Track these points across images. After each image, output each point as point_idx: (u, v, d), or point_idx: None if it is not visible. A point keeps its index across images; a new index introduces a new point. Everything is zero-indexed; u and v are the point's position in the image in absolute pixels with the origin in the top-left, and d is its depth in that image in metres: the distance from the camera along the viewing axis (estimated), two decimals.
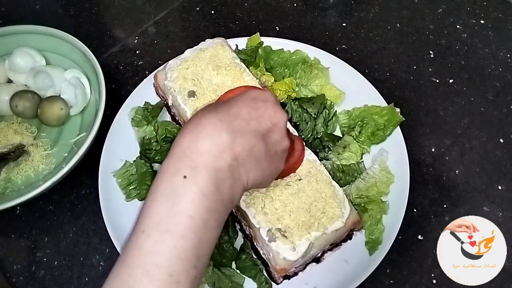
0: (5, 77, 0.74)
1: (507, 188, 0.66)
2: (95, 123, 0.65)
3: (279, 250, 0.52)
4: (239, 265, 0.59)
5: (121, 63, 0.81)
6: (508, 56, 0.78)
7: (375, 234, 0.58)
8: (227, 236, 0.59)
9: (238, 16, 0.86)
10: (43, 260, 0.63)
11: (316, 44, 0.75)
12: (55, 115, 0.70)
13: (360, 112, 0.67)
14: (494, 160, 0.68)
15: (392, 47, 0.81)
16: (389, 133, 0.65)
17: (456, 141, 0.70)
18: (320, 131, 0.67)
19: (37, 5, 0.90)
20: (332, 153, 0.65)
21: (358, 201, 0.61)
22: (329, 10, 0.88)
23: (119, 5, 0.90)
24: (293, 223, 0.53)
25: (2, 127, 0.71)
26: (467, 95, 0.75)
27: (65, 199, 0.67)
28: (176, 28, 0.86)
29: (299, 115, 0.67)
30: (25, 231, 0.65)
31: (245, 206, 0.55)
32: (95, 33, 0.85)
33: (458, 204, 0.64)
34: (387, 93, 0.71)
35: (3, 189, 0.67)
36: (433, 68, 0.78)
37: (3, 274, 0.62)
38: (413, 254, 0.61)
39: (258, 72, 0.71)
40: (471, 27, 0.82)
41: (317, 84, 0.71)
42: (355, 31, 0.83)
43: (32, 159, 0.69)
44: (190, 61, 0.67)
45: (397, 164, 0.63)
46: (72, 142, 0.71)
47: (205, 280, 0.57)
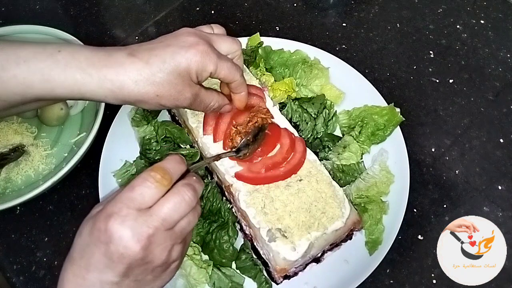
0: None
1: (507, 188, 0.66)
2: (95, 123, 0.65)
3: (279, 250, 0.52)
4: (239, 265, 0.59)
5: None
6: (508, 56, 0.78)
7: (375, 234, 0.58)
8: (227, 236, 0.59)
9: (238, 16, 0.86)
10: (43, 260, 0.63)
11: (316, 44, 0.75)
12: (55, 115, 0.70)
13: (360, 112, 0.67)
14: (494, 160, 0.68)
15: (392, 47, 0.81)
16: (389, 133, 0.65)
17: (456, 141, 0.70)
18: (320, 131, 0.67)
19: (37, 5, 0.90)
20: (332, 153, 0.65)
21: (358, 201, 0.61)
22: (329, 10, 0.88)
23: (119, 5, 0.90)
24: (293, 223, 0.53)
25: (2, 127, 0.71)
26: (467, 95, 0.75)
27: (65, 199, 0.67)
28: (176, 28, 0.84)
29: (299, 115, 0.67)
30: (25, 231, 0.65)
31: (245, 206, 0.55)
32: (95, 33, 0.85)
33: (458, 204, 0.64)
34: (387, 93, 0.71)
35: (3, 189, 0.67)
36: (433, 68, 0.78)
37: (3, 274, 0.62)
38: (413, 254, 0.61)
39: (258, 72, 0.71)
40: (471, 27, 0.82)
41: (317, 84, 0.71)
42: (355, 31, 0.83)
43: (32, 159, 0.69)
44: None
45: (397, 164, 0.63)
46: (72, 142, 0.71)
47: (205, 280, 0.57)
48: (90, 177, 0.67)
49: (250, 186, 0.56)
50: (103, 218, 0.40)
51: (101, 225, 0.40)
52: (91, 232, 0.41)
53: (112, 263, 0.40)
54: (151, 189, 0.41)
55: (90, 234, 0.41)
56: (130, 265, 0.40)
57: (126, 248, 0.39)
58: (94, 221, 0.41)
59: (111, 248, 0.39)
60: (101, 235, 0.40)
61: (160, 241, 0.41)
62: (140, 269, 0.41)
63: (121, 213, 0.40)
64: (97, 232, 0.40)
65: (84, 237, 0.41)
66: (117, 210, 0.40)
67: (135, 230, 0.39)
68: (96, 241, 0.40)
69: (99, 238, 0.40)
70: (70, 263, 0.41)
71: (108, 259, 0.40)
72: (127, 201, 0.40)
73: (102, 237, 0.39)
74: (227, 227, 0.59)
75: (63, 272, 0.42)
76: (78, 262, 0.41)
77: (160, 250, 0.41)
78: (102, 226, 0.40)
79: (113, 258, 0.39)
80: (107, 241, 0.39)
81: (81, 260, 0.41)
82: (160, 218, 0.40)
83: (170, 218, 0.41)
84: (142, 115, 0.69)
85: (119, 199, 0.41)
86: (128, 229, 0.39)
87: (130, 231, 0.39)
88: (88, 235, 0.41)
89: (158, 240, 0.41)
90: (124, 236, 0.39)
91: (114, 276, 0.40)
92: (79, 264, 0.41)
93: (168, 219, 0.41)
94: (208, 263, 0.58)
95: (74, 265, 0.41)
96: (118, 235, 0.39)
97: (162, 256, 0.41)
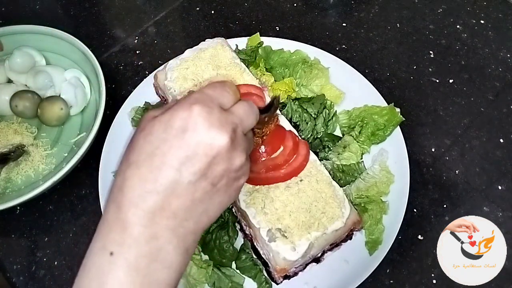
0: (5, 77, 0.74)
1: (507, 188, 0.66)
2: (95, 123, 0.65)
3: (279, 250, 0.52)
4: (239, 265, 0.59)
5: (121, 63, 0.81)
6: (508, 56, 0.78)
7: (375, 234, 0.58)
8: (227, 236, 0.59)
9: (238, 16, 0.86)
10: (43, 260, 0.63)
11: (316, 44, 0.75)
12: (55, 115, 0.70)
13: (360, 112, 0.67)
14: (494, 160, 0.68)
15: (392, 47, 0.81)
16: (389, 133, 0.65)
17: (456, 141, 0.70)
18: (320, 131, 0.67)
19: (37, 5, 0.90)
20: (332, 153, 0.65)
21: (358, 201, 0.61)
22: (329, 10, 0.87)
23: (119, 5, 0.90)
24: (293, 223, 0.53)
25: (2, 127, 0.71)
26: (467, 95, 0.75)
27: (65, 199, 0.67)
28: (176, 28, 0.86)
29: (299, 115, 0.67)
30: (25, 231, 0.65)
31: (245, 206, 0.55)
32: (95, 33, 0.85)
33: (458, 204, 0.64)
34: (387, 93, 0.71)
35: (3, 189, 0.67)
36: (433, 68, 0.78)
37: (3, 274, 0.62)
38: (413, 254, 0.61)
39: (258, 72, 0.72)
40: (471, 27, 0.82)
41: (317, 84, 0.71)
42: (355, 31, 0.83)
43: (32, 159, 0.69)
44: (190, 61, 0.67)
45: (397, 164, 0.63)
46: (72, 142, 0.71)
47: (205, 280, 0.57)
48: (90, 177, 0.67)
49: (250, 186, 0.56)
50: (186, 107, 0.37)
51: (184, 114, 0.37)
52: (167, 127, 0.37)
53: (194, 156, 0.36)
54: (230, 94, 0.40)
55: (165, 129, 0.37)
56: (214, 158, 0.37)
57: (214, 139, 0.37)
58: (171, 115, 0.37)
59: (196, 137, 0.36)
60: (185, 124, 0.37)
61: (239, 141, 0.39)
62: (221, 167, 0.38)
63: (207, 104, 0.38)
64: (179, 121, 0.37)
65: (156, 134, 0.37)
66: (201, 100, 0.38)
67: (222, 121, 0.37)
68: (176, 133, 0.36)
69: (181, 128, 0.36)
70: (133, 168, 0.37)
71: (191, 151, 0.36)
72: (210, 97, 0.39)
73: (186, 125, 0.36)
74: (227, 227, 0.59)
75: (124, 181, 0.37)
76: (148, 163, 0.36)
77: (240, 150, 0.39)
78: (186, 114, 0.37)
79: (197, 149, 0.36)
80: (193, 129, 0.36)
81: (151, 160, 0.36)
82: (239, 118, 0.39)
83: (246, 122, 0.40)
84: (142, 115, 0.69)
85: (201, 93, 0.39)
86: (216, 119, 0.37)
87: (218, 122, 0.37)
88: (163, 131, 0.37)
89: (238, 139, 0.39)
90: (213, 125, 0.37)
91: (193, 173, 0.36)
92: (149, 165, 0.36)
93: (244, 121, 0.40)
94: (208, 263, 0.58)
95: (141, 168, 0.36)
96: (207, 123, 0.37)
97: (242, 157, 0.39)
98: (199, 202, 0.38)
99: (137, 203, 0.36)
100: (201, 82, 0.65)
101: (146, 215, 0.36)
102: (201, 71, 0.66)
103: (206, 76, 0.65)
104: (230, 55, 0.68)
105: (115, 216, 0.37)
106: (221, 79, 0.41)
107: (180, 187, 0.36)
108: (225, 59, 0.67)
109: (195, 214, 0.38)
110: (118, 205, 0.36)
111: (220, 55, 0.67)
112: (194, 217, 0.38)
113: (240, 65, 0.67)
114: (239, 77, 0.65)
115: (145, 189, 0.36)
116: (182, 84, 0.65)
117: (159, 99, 0.72)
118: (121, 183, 0.37)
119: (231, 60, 0.67)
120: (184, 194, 0.37)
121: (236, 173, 0.40)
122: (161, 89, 0.69)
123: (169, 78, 0.66)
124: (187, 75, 0.65)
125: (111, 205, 0.37)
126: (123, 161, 0.38)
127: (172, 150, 0.36)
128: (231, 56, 0.68)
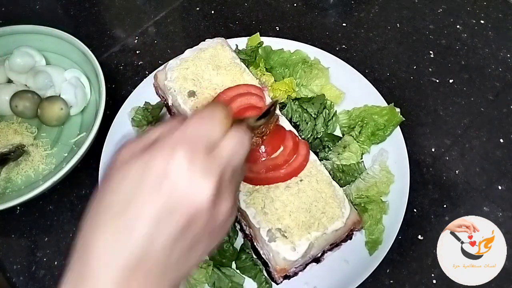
0: (5, 77, 0.74)
1: (507, 188, 0.66)
2: (95, 123, 0.65)
3: (279, 250, 0.52)
4: (239, 265, 0.59)
5: (121, 63, 0.81)
6: (508, 56, 0.78)
7: (375, 234, 0.58)
8: (227, 236, 0.59)
9: (238, 16, 0.86)
10: (43, 260, 0.63)
11: (316, 44, 0.75)
12: (55, 115, 0.70)
13: (360, 112, 0.67)
14: (494, 160, 0.68)
15: (392, 47, 0.81)
16: (389, 133, 0.65)
17: (456, 141, 0.70)
18: (320, 131, 0.67)
19: (37, 5, 0.90)
20: (332, 153, 0.65)
21: (358, 201, 0.61)
22: (329, 10, 0.88)
23: (119, 5, 0.90)
24: (293, 223, 0.53)
25: (2, 127, 0.71)
26: (467, 95, 0.75)
27: (65, 199, 0.67)
28: (176, 28, 0.86)
29: (299, 115, 0.67)
30: (25, 231, 0.65)
31: (245, 206, 0.55)
32: (95, 33, 0.85)
33: (458, 204, 0.64)
34: (387, 93, 0.71)
35: (3, 189, 0.66)
36: (433, 68, 0.78)
37: (3, 274, 0.62)
38: (413, 254, 0.61)
39: (258, 72, 0.72)
40: (471, 27, 0.82)
41: (317, 84, 0.71)
42: (355, 31, 0.83)
43: (32, 159, 0.69)
44: (190, 61, 0.67)
45: (397, 164, 0.63)
46: (72, 142, 0.71)
47: (205, 280, 0.57)
48: (90, 177, 0.67)
49: (250, 186, 0.56)
50: (168, 150, 0.33)
51: (164, 158, 0.33)
52: (144, 171, 0.33)
53: (171, 213, 0.32)
54: (219, 126, 0.36)
55: (141, 175, 0.33)
56: (194, 216, 0.33)
57: (195, 193, 0.33)
58: (151, 156, 0.33)
59: (175, 191, 0.32)
60: (163, 172, 0.32)
61: (227, 184, 0.35)
62: (201, 225, 0.34)
63: (191, 147, 0.33)
64: (158, 167, 0.33)
65: (132, 179, 0.33)
66: (186, 141, 0.34)
67: (207, 168, 0.33)
68: (154, 182, 0.32)
69: (159, 178, 0.32)
70: (103, 222, 0.33)
71: (168, 208, 0.32)
72: (196, 136, 0.34)
73: (165, 173, 0.32)
74: None
75: (91, 235, 0.33)
76: (119, 217, 0.32)
77: (228, 193, 0.36)
78: (166, 159, 0.33)
79: (175, 206, 0.32)
80: (172, 180, 0.32)
81: (124, 214, 0.32)
82: (227, 157, 0.35)
83: (236, 159, 0.36)
84: (142, 115, 0.69)
85: (186, 131, 0.35)
86: (200, 166, 0.33)
87: (202, 169, 0.33)
88: (139, 177, 0.33)
89: (226, 182, 0.35)
90: (196, 175, 0.33)
91: (168, 234, 0.32)
92: (120, 220, 0.32)
93: (234, 159, 0.36)
94: (208, 263, 0.58)
95: (114, 222, 0.32)
96: (189, 172, 0.33)
97: (229, 202, 0.36)
98: (175, 265, 0.34)
99: (109, 262, 0.32)
100: (201, 82, 0.65)
101: (117, 274, 0.32)
102: (201, 71, 0.66)
103: (206, 76, 0.65)
104: (230, 55, 0.68)
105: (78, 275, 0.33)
106: (210, 105, 0.37)
107: (153, 250, 0.32)
108: (225, 59, 0.67)
109: (170, 275, 0.34)
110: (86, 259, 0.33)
111: (220, 55, 0.67)
112: (169, 277, 0.34)
113: (240, 65, 0.67)
114: (239, 77, 0.65)
115: (114, 249, 0.32)
116: (182, 84, 0.65)
117: (159, 99, 0.72)
118: (88, 239, 0.33)
119: (231, 60, 0.67)
120: (156, 259, 0.33)
121: (223, 222, 0.36)
122: (161, 89, 0.69)
123: (169, 78, 0.66)
124: (187, 75, 0.65)
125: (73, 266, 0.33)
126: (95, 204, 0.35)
127: (147, 205, 0.32)
128: (231, 56, 0.68)
